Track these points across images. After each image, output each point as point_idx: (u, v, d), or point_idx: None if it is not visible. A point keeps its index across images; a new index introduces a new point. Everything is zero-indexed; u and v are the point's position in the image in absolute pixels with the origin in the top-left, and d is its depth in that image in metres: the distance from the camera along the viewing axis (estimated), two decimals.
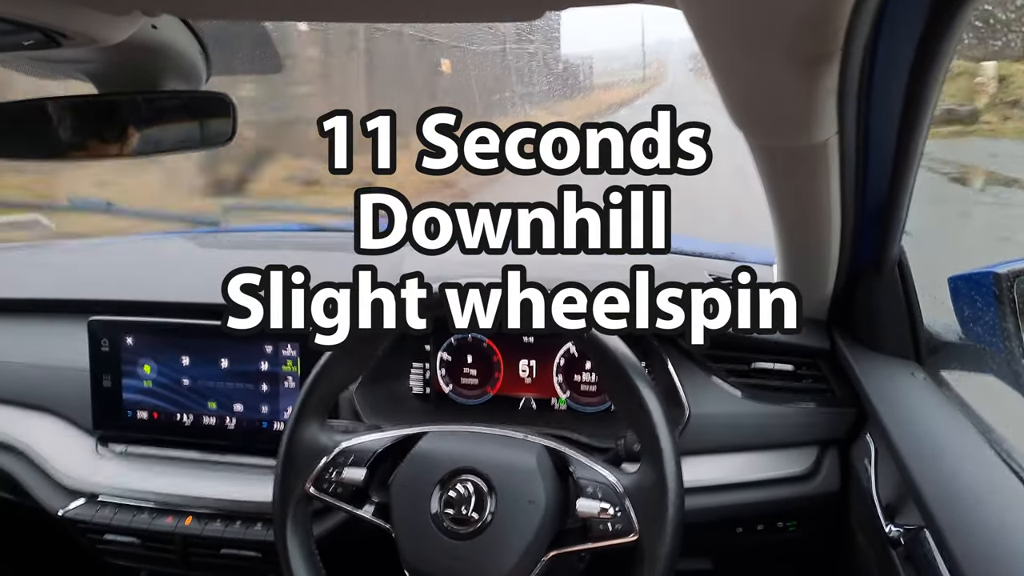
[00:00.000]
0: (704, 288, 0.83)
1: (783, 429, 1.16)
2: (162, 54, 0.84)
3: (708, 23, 0.59)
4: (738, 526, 1.18)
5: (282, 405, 1.27)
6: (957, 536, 0.74)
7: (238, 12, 0.78)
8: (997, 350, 0.99)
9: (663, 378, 1.20)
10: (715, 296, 0.83)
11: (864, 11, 0.54)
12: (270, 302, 0.85)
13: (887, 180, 0.86)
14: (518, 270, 0.84)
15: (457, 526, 0.89)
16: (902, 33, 0.60)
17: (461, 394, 1.34)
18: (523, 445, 0.95)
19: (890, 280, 1.06)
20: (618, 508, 0.88)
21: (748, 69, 0.64)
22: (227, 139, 0.93)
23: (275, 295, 0.85)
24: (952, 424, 0.93)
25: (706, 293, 0.83)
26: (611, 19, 7.72)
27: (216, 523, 1.22)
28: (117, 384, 1.31)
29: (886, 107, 0.72)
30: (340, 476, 0.97)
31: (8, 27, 0.65)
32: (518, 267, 0.84)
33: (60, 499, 1.28)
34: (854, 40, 0.57)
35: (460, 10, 0.68)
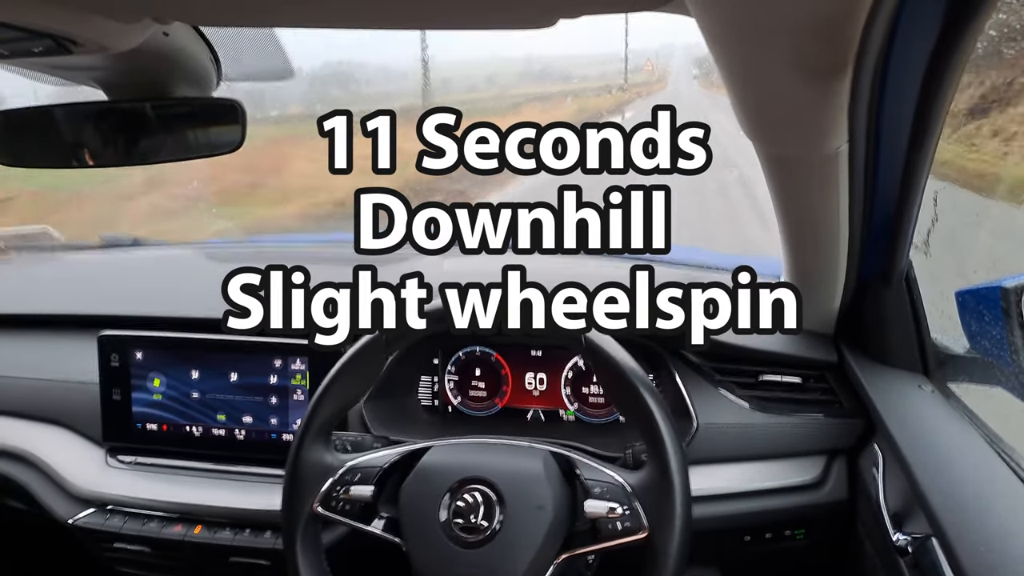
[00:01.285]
0: (704, 288, 0.83)
1: (791, 438, 1.16)
2: (173, 61, 0.85)
3: (721, 32, 0.59)
4: (746, 535, 1.17)
5: (291, 417, 1.27)
6: (964, 545, 0.74)
7: (249, 19, 0.78)
8: (1004, 363, 0.99)
9: (671, 390, 1.20)
10: (715, 296, 0.83)
11: (877, 22, 0.54)
12: (270, 302, 0.85)
13: (896, 192, 0.86)
14: (518, 270, 0.84)
15: (467, 535, 0.89)
16: (914, 45, 0.60)
17: (470, 407, 1.34)
18: (529, 452, 0.95)
19: (898, 292, 1.06)
20: (626, 507, 0.87)
21: (761, 78, 0.64)
22: (236, 145, 0.93)
23: (275, 295, 0.85)
24: (959, 434, 0.93)
25: (706, 293, 0.83)
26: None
27: (225, 531, 1.22)
28: (127, 397, 1.31)
29: (897, 118, 0.72)
30: (348, 494, 0.96)
31: (20, 34, 0.65)
32: (518, 267, 0.84)
33: (70, 508, 1.28)
34: (867, 51, 0.58)
35: (472, 18, 0.69)
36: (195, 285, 1.52)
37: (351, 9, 0.66)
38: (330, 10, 0.66)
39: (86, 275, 1.69)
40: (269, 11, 0.70)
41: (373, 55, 12.23)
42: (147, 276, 1.62)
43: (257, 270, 0.85)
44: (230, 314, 0.85)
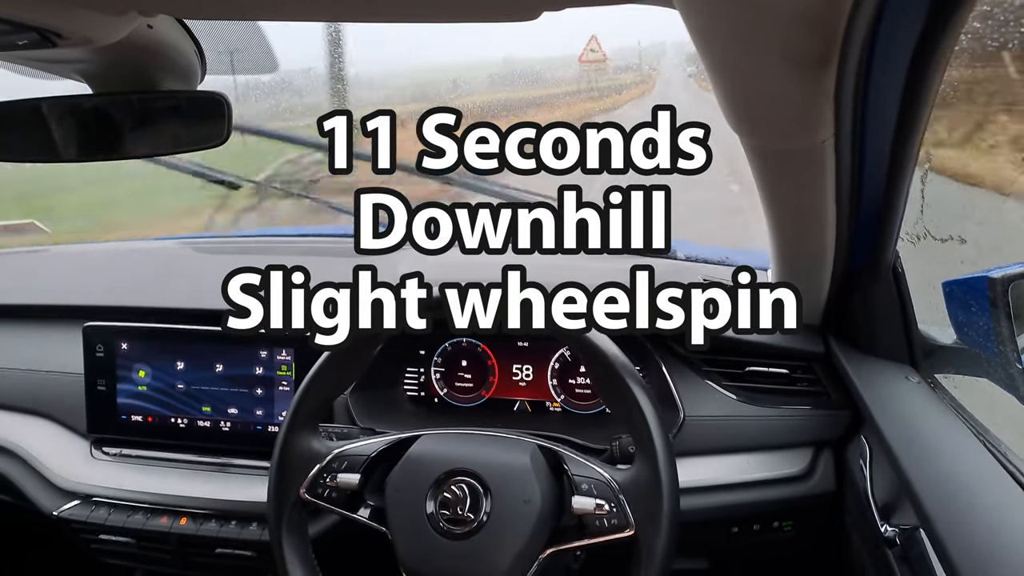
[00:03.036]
0: (704, 288, 0.83)
1: (778, 430, 1.16)
2: (158, 54, 0.84)
3: (705, 24, 0.59)
4: (734, 526, 1.18)
5: (277, 409, 1.26)
6: (952, 536, 0.75)
7: (234, 12, 0.78)
8: (991, 354, 0.99)
9: (658, 381, 1.20)
10: (715, 296, 0.83)
11: (862, 13, 0.54)
12: (270, 302, 0.85)
13: (883, 184, 0.86)
14: (518, 270, 0.83)
15: (453, 526, 0.89)
16: (899, 36, 0.60)
17: (455, 398, 1.34)
18: (517, 445, 0.95)
19: (885, 284, 1.06)
20: (613, 504, 0.88)
21: (745, 70, 0.64)
22: (222, 140, 0.92)
23: (275, 295, 0.85)
24: (947, 425, 0.93)
25: (706, 293, 0.83)
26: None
27: (211, 523, 1.22)
28: (112, 389, 1.31)
29: (882, 110, 0.72)
30: (335, 481, 0.96)
31: (4, 27, 0.64)
32: (518, 267, 0.83)
33: (55, 500, 1.28)
34: (851, 42, 0.57)
35: (456, 11, 0.68)
36: (182, 277, 1.51)
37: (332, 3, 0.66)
38: (311, 4, 0.66)
39: (73, 267, 1.68)
40: (251, 5, 0.69)
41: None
42: (134, 268, 1.62)
43: (257, 270, 0.85)
44: (230, 314, 0.85)
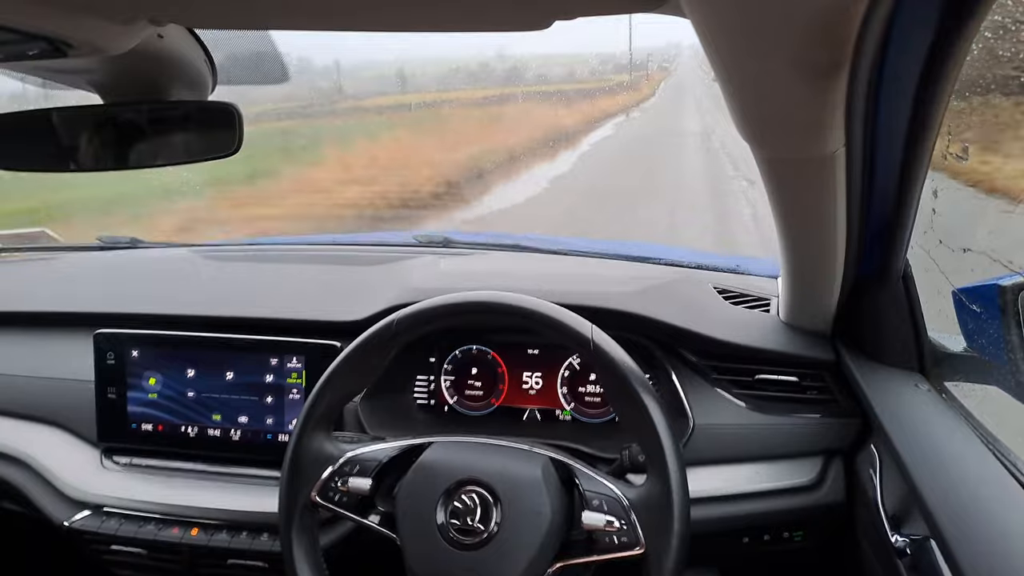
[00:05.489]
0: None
1: (788, 439, 1.16)
2: (168, 64, 0.84)
3: (717, 33, 0.59)
4: (744, 536, 1.17)
5: (287, 417, 1.26)
6: (962, 546, 0.74)
7: (244, 22, 0.78)
8: (1001, 362, 0.99)
9: (667, 389, 1.20)
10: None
11: (873, 22, 0.54)
12: None
13: (893, 193, 0.86)
14: None
15: (463, 536, 0.89)
16: (911, 45, 0.60)
17: (465, 406, 1.33)
18: (528, 456, 0.95)
19: (895, 292, 1.06)
20: (624, 521, 0.87)
21: (756, 80, 0.64)
22: (232, 150, 0.92)
23: None
24: (957, 434, 0.93)
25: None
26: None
27: (222, 534, 1.22)
28: (122, 397, 1.31)
29: (893, 120, 0.72)
30: (346, 485, 0.96)
31: (15, 36, 0.65)
32: None
33: (65, 510, 1.28)
34: (863, 51, 0.57)
35: (468, 20, 0.68)
36: (192, 285, 1.51)
37: (344, 12, 0.66)
38: (323, 13, 0.66)
39: (83, 275, 1.68)
40: (262, 14, 0.69)
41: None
42: (145, 276, 1.62)
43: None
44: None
